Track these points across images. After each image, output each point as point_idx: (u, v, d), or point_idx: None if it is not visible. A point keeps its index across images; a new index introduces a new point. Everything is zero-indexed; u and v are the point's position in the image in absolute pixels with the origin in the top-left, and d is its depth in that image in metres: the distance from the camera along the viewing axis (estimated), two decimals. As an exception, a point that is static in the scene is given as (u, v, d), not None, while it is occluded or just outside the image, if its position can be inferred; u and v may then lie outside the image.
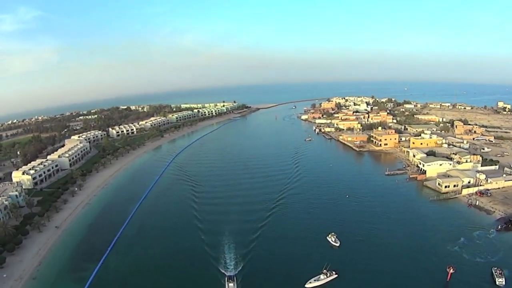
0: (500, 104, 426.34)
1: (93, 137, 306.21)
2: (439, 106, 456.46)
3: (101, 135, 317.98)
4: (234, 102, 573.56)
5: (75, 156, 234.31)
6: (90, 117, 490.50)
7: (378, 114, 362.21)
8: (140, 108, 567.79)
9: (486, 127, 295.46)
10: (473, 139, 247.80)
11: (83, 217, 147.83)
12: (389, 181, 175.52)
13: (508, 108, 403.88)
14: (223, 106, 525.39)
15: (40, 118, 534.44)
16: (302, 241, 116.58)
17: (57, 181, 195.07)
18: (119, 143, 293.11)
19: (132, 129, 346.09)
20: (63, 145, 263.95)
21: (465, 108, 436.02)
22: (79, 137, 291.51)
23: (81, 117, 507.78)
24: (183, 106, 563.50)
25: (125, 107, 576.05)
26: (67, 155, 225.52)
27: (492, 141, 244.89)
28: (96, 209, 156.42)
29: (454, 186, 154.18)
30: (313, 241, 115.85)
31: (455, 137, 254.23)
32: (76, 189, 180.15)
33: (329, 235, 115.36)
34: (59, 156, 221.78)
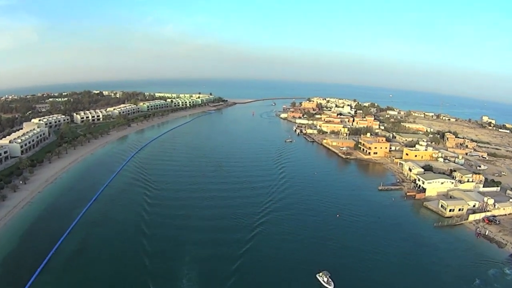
0: (485, 119, 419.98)
1: (55, 122, 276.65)
2: (423, 115, 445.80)
3: (65, 120, 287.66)
4: (211, 94, 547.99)
5: (29, 142, 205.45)
6: (59, 99, 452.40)
7: (364, 119, 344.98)
8: (112, 94, 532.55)
9: (475, 141, 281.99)
10: (466, 154, 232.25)
11: (20, 221, 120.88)
12: (383, 198, 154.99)
13: (493, 123, 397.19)
14: (199, 97, 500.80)
15: (10, 97, 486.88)
16: (287, 285, 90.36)
17: (3, 170, 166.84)
18: (81, 130, 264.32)
19: (98, 116, 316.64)
20: (22, 129, 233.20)
21: (449, 119, 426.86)
22: (39, 120, 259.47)
23: (50, 99, 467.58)
24: (157, 94, 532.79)
25: (98, 91, 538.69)
26: (19, 140, 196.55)
27: (485, 157, 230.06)
28: (37, 211, 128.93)
29: (459, 210, 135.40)
30: (300, 283, 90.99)
31: (447, 150, 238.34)
32: (21, 182, 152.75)
33: (320, 274, 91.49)
34: (10, 141, 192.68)
